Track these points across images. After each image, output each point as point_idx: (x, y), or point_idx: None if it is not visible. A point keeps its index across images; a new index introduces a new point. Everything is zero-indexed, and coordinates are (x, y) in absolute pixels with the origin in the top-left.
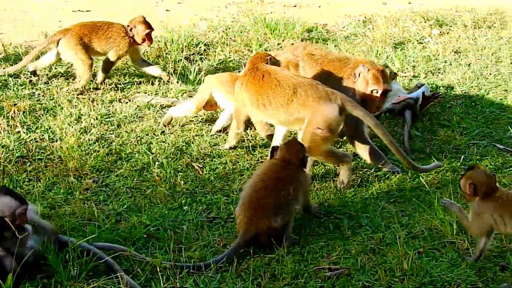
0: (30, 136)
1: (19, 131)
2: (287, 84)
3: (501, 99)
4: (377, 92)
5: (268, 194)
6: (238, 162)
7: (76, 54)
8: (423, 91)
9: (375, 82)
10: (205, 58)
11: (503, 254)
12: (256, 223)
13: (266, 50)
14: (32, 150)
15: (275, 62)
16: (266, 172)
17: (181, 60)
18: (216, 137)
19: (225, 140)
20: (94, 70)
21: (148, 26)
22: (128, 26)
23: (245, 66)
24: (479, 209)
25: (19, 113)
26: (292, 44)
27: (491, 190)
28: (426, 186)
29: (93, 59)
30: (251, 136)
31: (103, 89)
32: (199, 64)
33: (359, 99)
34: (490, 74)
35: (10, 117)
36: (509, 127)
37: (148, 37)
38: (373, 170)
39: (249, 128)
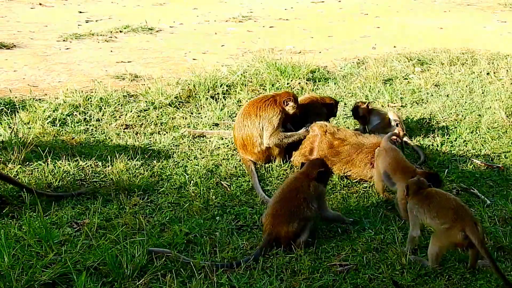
0: (86, 163)
1: (77, 159)
2: None
3: (476, 123)
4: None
5: (284, 204)
6: (261, 181)
7: None
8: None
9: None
10: (227, 96)
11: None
12: (275, 229)
13: (278, 89)
14: (88, 174)
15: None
16: (286, 184)
17: (207, 98)
18: (239, 160)
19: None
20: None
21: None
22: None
23: None
24: (408, 206)
25: (77, 145)
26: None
27: (420, 190)
28: None
29: None
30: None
31: (144, 124)
32: (222, 102)
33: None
34: (466, 102)
35: (69, 148)
36: (482, 145)
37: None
38: (372, 184)
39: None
